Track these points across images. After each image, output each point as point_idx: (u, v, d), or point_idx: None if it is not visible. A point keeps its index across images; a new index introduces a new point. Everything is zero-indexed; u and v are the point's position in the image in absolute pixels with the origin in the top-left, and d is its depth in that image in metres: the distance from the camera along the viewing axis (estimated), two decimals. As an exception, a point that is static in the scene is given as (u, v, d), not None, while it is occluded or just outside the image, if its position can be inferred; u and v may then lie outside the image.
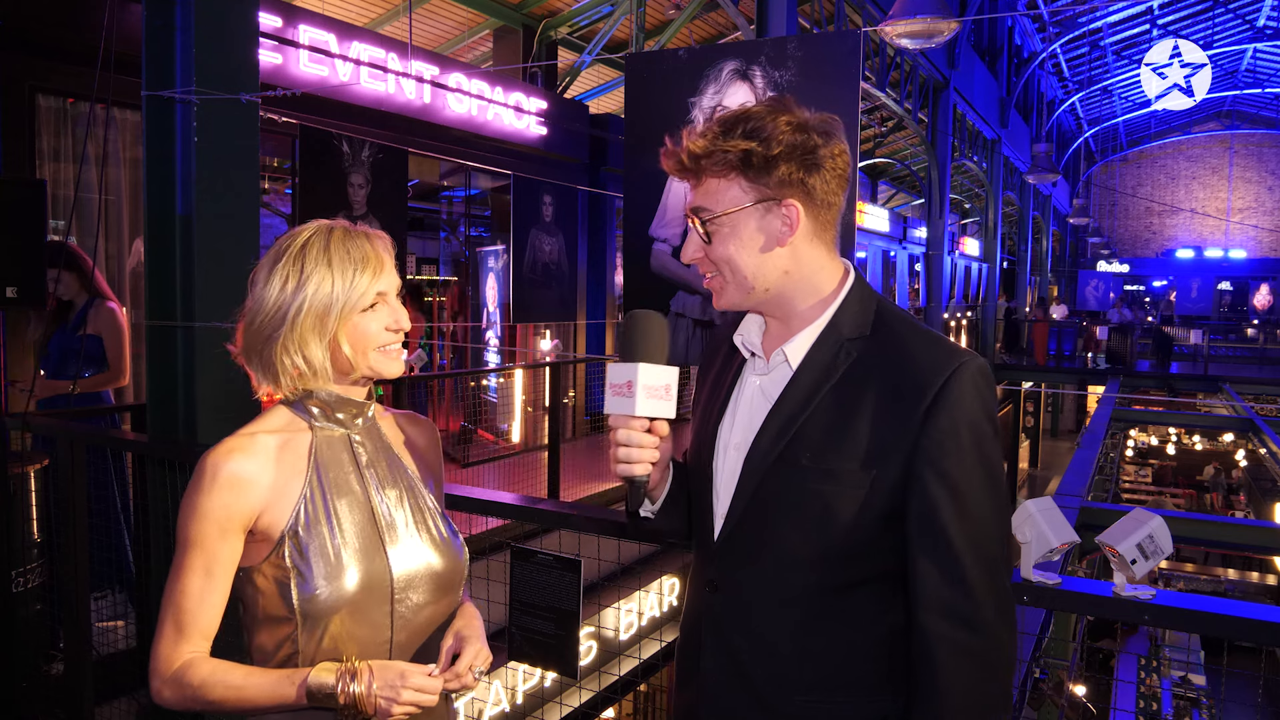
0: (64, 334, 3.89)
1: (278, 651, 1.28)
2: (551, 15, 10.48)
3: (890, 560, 1.19)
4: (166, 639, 1.27)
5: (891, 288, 17.89)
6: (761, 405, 1.25)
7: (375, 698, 1.23)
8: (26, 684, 3.25)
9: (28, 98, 4.78)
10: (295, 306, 1.28)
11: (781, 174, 1.18)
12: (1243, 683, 5.15)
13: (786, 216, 1.20)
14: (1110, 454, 11.90)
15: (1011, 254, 22.63)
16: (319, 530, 1.28)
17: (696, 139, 1.20)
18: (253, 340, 1.31)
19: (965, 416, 1.14)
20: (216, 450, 1.28)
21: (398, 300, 1.37)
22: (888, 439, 1.15)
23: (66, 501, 3.00)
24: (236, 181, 2.92)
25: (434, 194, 11.20)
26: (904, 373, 1.17)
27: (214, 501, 1.25)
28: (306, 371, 1.31)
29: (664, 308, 2.85)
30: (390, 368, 1.35)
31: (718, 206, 1.21)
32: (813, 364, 1.21)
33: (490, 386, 9.04)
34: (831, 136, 1.20)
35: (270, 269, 1.30)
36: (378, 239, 1.35)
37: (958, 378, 1.14)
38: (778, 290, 1.23)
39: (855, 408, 1.18)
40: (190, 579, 1.26)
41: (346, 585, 1.27)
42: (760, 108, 1.20)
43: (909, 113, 12.17)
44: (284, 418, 1.35)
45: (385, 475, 1.38)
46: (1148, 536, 1.52)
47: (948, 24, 5.67)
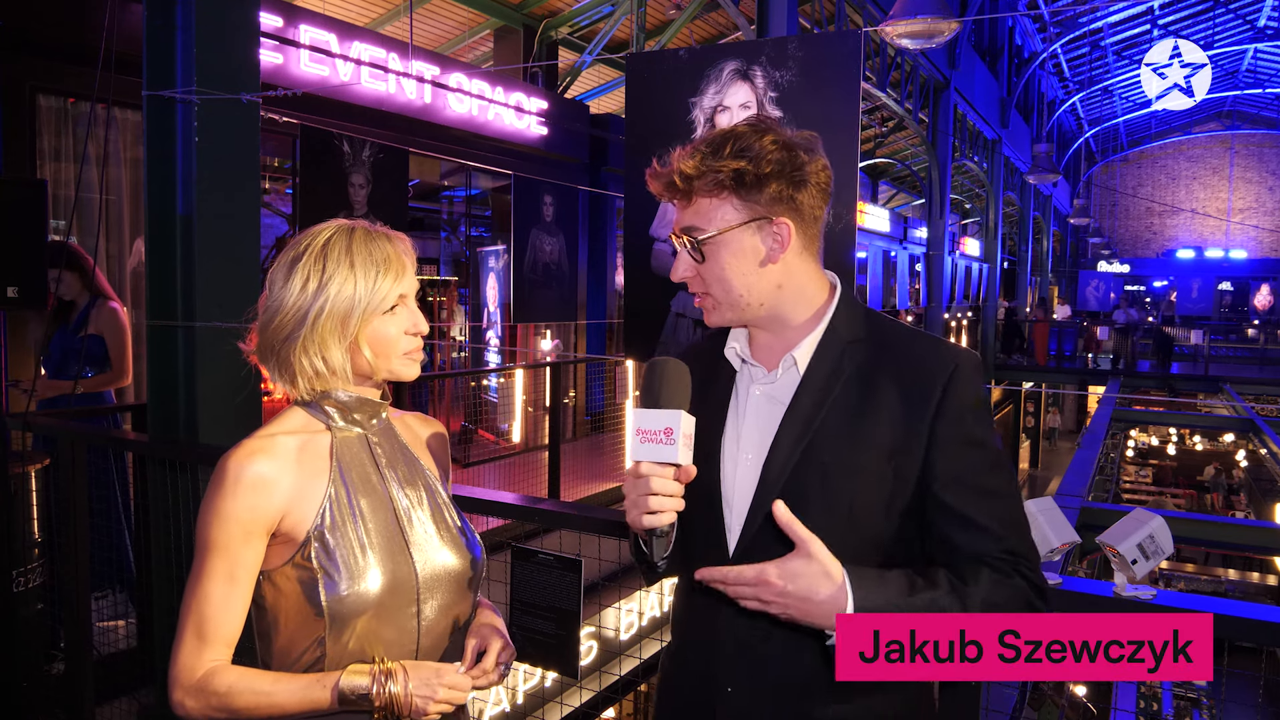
0: (66, 334, 3.89)
1: (303, 656, 1.26)
2: (552, 15, 10.49)
3: (915, 553, 1.22)
4: (188, 647, 1.23)
5: (892, 288, 17.90)
6: (770, 412, 1.26)
7: (411, 697, 1.21)
8: (27, 684, 3.26)
9: (28, 97, 4.79)
10: (316, 308, 1.25)
11: (772, 192, 1.20)
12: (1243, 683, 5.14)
13: (777, 234, 1.22)
14: (1111, 454, 11.90)
15: (1012, 254, 22.64)
16: (345, 531, 1.27)
17: (687, 160, 1.21)
18: (270, 340, 1.29)
19: (970, 405, 1.21)
20: (237, 452, 1.25)
21: (416, 304, 1.35)
22: (904, 432, 1.20)
23: (67, 501, 3.00)
24: (237, 181, 2.92)
25: (434, 194, 11.21)
26: (910, 370, 1.22)
27: (238, 504, 1.22)
28: (325, 373, 1.29)
29: (664, 307, 2.86)
30: (410, 371, 1.34)
31: (710, 226, 1.22)
32: (821, 367, 1.24)
33: (491, 386, 9.04)
34: (814, 153, 1.24)
35: (290, 268, 1.28)
36: (399, 240, 1.33)
37: (961, 371, 1.21)
38: (772, 305, 1.26)
39: (868, 405, 1.21)
40: (213, 584, 1.23)
41: (373, 586, 1.25)
42: (744, 127, 1.23)
43: (909, 113, 12.18)
44: (301, 419, 1.33)
45: (405, 475, 1.37)
46: (1148, 537, 1.52)
47: (948, 24, 5.67)
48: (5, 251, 3.05)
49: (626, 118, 2.87)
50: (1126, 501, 13.05)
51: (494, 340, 9.62)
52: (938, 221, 13.17)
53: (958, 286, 18.41)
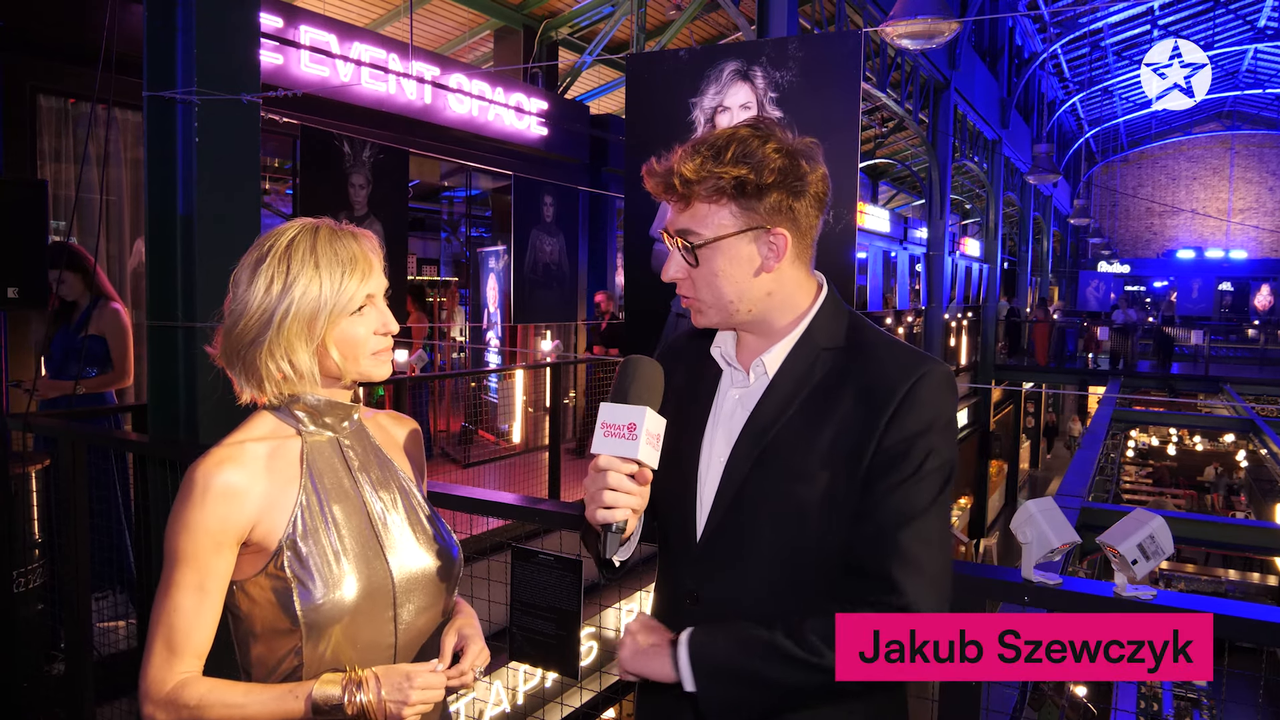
0: (67, 334, 3.89)
1: (280, 665, 1.24)
2: (552, 16, 10.49)
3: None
4: (158, 660, 1.20)
5: (892, 288, 17.87)
6: (740, 416, 1.27)
7: (384, 704, 1.20)
8: (28, 684, 3.25)
9: (29, 98, 4.79)
10: (281, 310, 1.23)
11: (772, 201, 1.19)
12: (1243, 683, 5.14)
13: (774, 244, 1.21)
14: (1111, 454, 11.90)
15: (1012, 254, 22.62)
16: (318, 538, 1.25)
17: (688, 162, 1.19)
18: (235, 344, 1.26)
19: (927, 419, 1.18)
20: (205, 461, 1.23)
21: (385, 303, 1.33)
22: (858, 439, 1.18)
23: (68, 502, 3.00)
24: (237, 182, 2.92)
25: (435, 194, 11.22)
26: (874, 378, 1.20)
27: (206, 514, 1.20)
28: (293, 377, 1.26)
29: (664, 308, 2.86)
30: (380, 372, 1.32)
31: (707, 231, 1.21)
32: (789, 373, 1.25)
33: (491, 387, 9.04)
34: (815, 162, 1.22)
35: (254, 270, 1.25)
36: (365, 238, 1.31)
37: (923, 383, 1.18)
38: (760, 311, 1.26)
39: (827, 413, 1.21)
40: (182, 596, 1.21)
41: (349, 592, 1.24)
42: (746, 131, 1.21)
43: (910, 113, 12.17)
44: (270, 424, 1.30)
45: (378, 478, 1.36)
46: (1149, 537, 1.52)
47: (948, 24, 5.67)
48: (6, 252, 3.05)
49: (627, 118, 2.87)
50: (1127, 502, 13.04)
51: (494, 341, 9.62)
52: (938, 222, 13.17)
53: (958, 287, 18.38)
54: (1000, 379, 16.39)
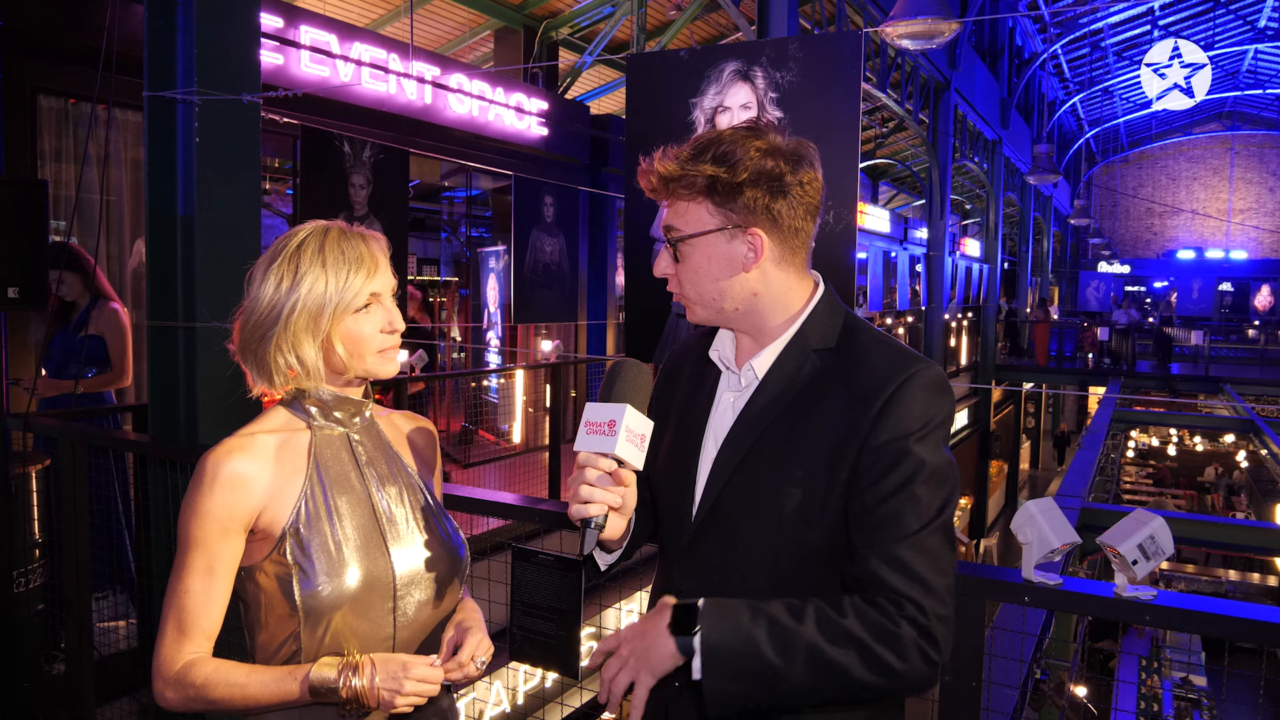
0: (66, 334, 3.89)
1: (281, 649, 1.29)
2: (552, 16, 10.49)
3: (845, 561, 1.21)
4: (169, 640, 1.27)
5: (892, 288, 17.87)
6: (730, 419, 1.29)
7: (378, 690, 1.24)
8: (28, 684, 3.26)
9: (29, 98, 4.79)
10: (289, 306, 1.29)
11: (746, 200, 1.20)
12: (1244, 683, 5.15)
13: (751, 243, 1.22)
14: (1111, 455, 11.90)
15: (1012, 255, 22.62)
16: (320, 527, 1.29)
17: (668, 161, 1.23)
18: (248, 339, 1.32)
19: (915, 420, 1.16)
20: (216, 451, 1.29)
21: (393, 301, 1.37)
22: (843, 442, 1.18)
23: (68, 502, 3.01)
24: (238, 182, 2.92)
25: (435, 194, 11.21)
26: (862, 379, 1.20)
27: (215, 501, 1.26)
28: (300, 371, 1.31)
29: (665, 309, 2.86)
30: (386, 369, 1.37)
31: (686, 228, 1.24)
32: (778, 376, 1.25)
33: (491, 387, 9.04)
34: (801, 163, 1.22)
35: (266, 268, 1.31)
36: (373, 240, 1.36)
37: (911, 382, 1.17)
38: (747, 309, 1.27)
39: (814, 415, 1.21)
40: (192, 579, 1.27)
41: (348, 581, 1.28)
42: (733, 132, 1.23)
43: (910, 113, 12.18)
44: (282, 418, 1.36)
45: (385, 473, 1.39)
46: (1149, 537, 1.52)
47: (948, 25, 5.67)
48: (6, 252, 3.05)
49: (627, 118, 2.87)
50: (1127, 502, 13.04)
51: (494, 341, 9.62)
52: (938, 222, 13.17)
53: (958, 287, 18.37)
54: (1000, 379, 16.40)
